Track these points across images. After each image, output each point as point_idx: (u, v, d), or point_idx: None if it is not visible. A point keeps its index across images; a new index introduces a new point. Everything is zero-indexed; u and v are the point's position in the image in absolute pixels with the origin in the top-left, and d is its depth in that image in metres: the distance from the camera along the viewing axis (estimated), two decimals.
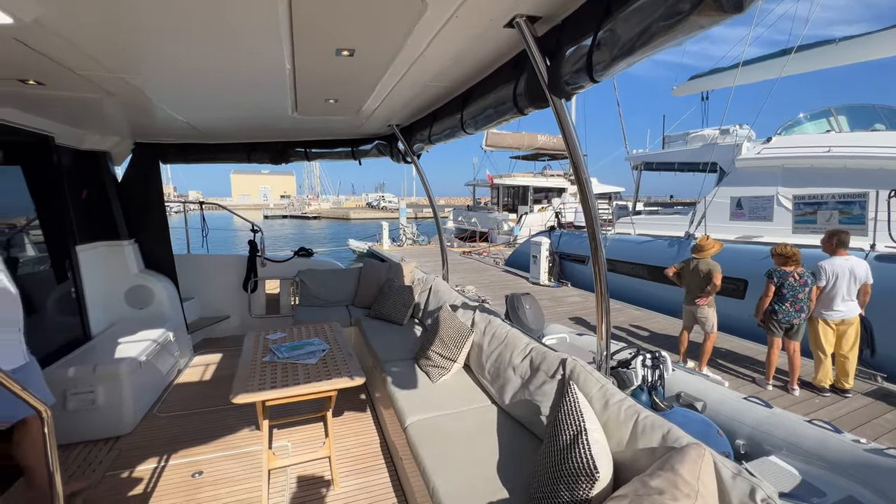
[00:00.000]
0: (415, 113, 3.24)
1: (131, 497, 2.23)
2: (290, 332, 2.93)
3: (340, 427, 2.92)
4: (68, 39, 1.49)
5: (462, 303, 3.25)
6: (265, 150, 4.04)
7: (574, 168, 1.78)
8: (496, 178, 21.07)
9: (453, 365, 2.69)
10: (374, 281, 4.36)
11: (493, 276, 10.28)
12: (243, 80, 2.13)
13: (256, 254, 4.72)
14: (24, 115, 2.54)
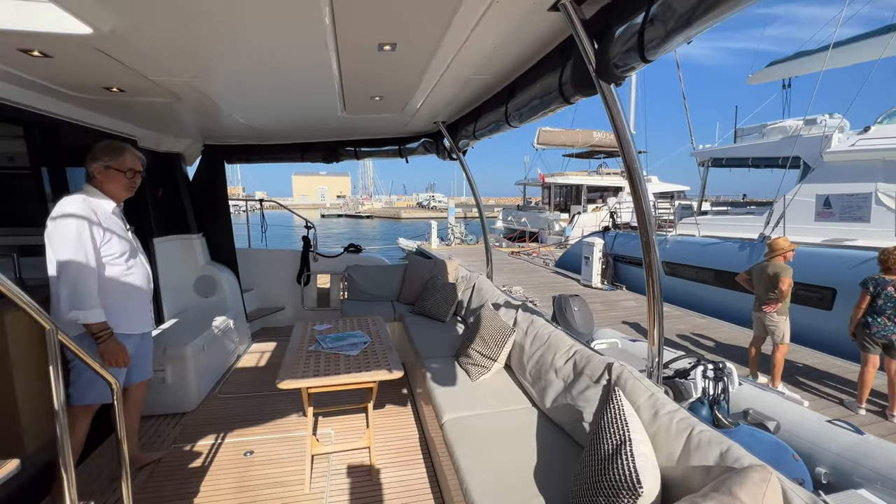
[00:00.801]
0: (459, 109, 3.22)
1: (193, 469, 2.42)
2: (335, 324, 3.03)
3: (381, 419, 2.97)
4: (140, 48, 1.64)
5: (505, 301, 3.18)
6: (318, 150, 4.24)
7: (624, 159, 1.65)
8: (548, 176, 20.52)
9: (493, 364, 2.63)
10: (418, 278, 4.40)
11: (542, 278, 10.00)
12: (295, 82, 2.23)
13: (309, 249, 4.96)
14: (112, 120, 2.86)
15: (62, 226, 1.85)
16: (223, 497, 2.21)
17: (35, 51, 1.61)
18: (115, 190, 2.07)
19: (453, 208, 20.23)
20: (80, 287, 1.83)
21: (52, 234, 1.85)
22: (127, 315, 2.08)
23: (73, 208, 1.88)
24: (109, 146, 2.08)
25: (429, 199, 64.77)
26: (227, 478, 2.35)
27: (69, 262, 1.81)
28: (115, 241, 2.01)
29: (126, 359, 2.01)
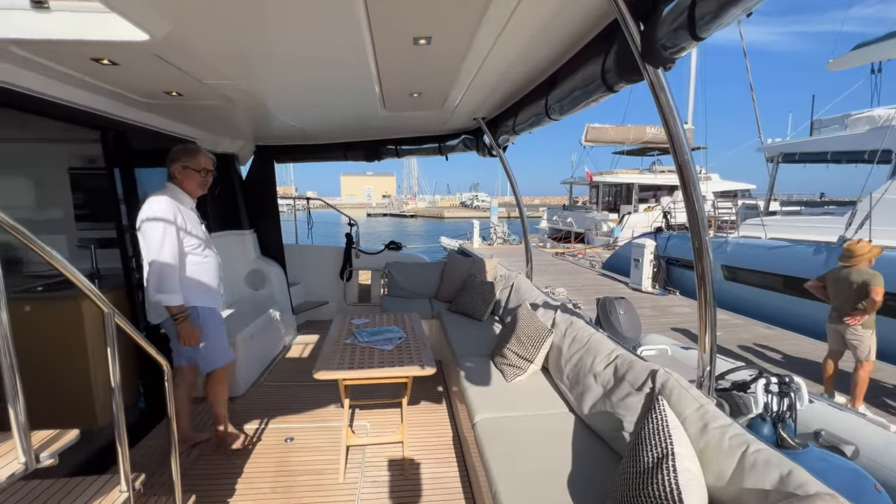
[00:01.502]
0: (499, 104, 3.16)
1: (237, 452, 2.56)
2: (372, 319, 3.09)
3: (416, 416, 2.98)
4: (193, 53, 1.75)
5: (543, 302, 3.07)
6: (360, 148, 4.34)
7: (674, 153, 1.52)
8: (596, 175, 19.73)
9: (529, 366, 2.55)
10: (456, 275, 4.38)
11: (588, 280, 9.63)
12: (335, 80, 2.29)
13: (352, 246, 5.10)
14: (175, 123, 3.10)
15: (152, 222, 2.13)
16: (264, 479, 2.31)
17: (105, 59, 1.77)
18: (192, 188, 2.34)
19: (496, 207, 19.99)
20: (164, 275, 2.12)
21: (145, 229, 2.13)
22: (205, 293, 2.38)
23: (160, 206, 2.16)
24: (186, 149, 2.35)
25: (472, 199, 64.65)
26: (268, 461, 2.47)
27: (157, 253, 2.11)
28: (194, 234, 2.29)
29: (197, 339, 2.27)
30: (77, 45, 1.58)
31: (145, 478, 1.48)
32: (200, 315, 2.33)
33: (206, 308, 2.37)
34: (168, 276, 2.13)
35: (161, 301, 2.14)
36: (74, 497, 1.33)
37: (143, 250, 2.17)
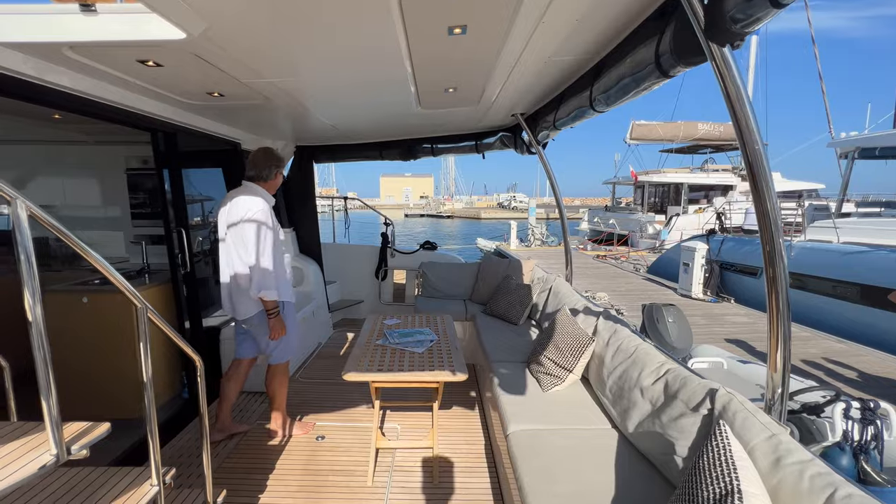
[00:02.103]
0: (538, 98, 3.01)
1: (271, 446, 2.59)
2: (404, 320, 3.04)
3: (447, 421, 2.90)
4: (229, 51, 1.76)
5: (584, 307, 2.89)
6: (395, 147, 4.33)
7: (742, 146, 1.32)
8: (641, 174, 18.79)
9: (568, 375, 2.39)
10: (492, 277, 4.25)
11: (632, 284, 9.14)
12: (369, 74, 2.24)
13: (387, 245, 5.11)
14: (219, 125, 3.20)
15: (253, 223, 2.25)
16: (294, 477, 2.32)
17: (150, 61, 1.82)
18: (274, 189, 2.50)
19: (534, 208, 19.55)
20: (266, 273, 2.26)
21: (246, 230, 2.23)
22: (287, 289, 2.51)
23: (260, 207, 2.28)
24: (276, 153, 2.50)
25: (509, 200, 63.80)
26: (298, 458, 2.47)
27: (260, 252, 2.24)
28: (279, 233, 2.41)
29: (284, 332, 2.42)
30: (122, 46, 1.63)
31: (175, 472, 1.48)
32: (284, 309, 2.47)
33: (289, 303, 2.53)
34: (269, 273, 2.27)
35: (264, 297, 2.26)
36: (108, 488, 1.35)
37: (244, 249, 2.25)
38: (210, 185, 3.77)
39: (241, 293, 2.33)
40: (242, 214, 2.25)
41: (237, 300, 2.37)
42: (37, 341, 0.98)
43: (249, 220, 2.24)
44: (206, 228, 3.76)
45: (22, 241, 0.97)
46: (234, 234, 2.28)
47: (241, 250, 2.26)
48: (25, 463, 0.99)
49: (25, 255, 0.97)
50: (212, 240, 3.70)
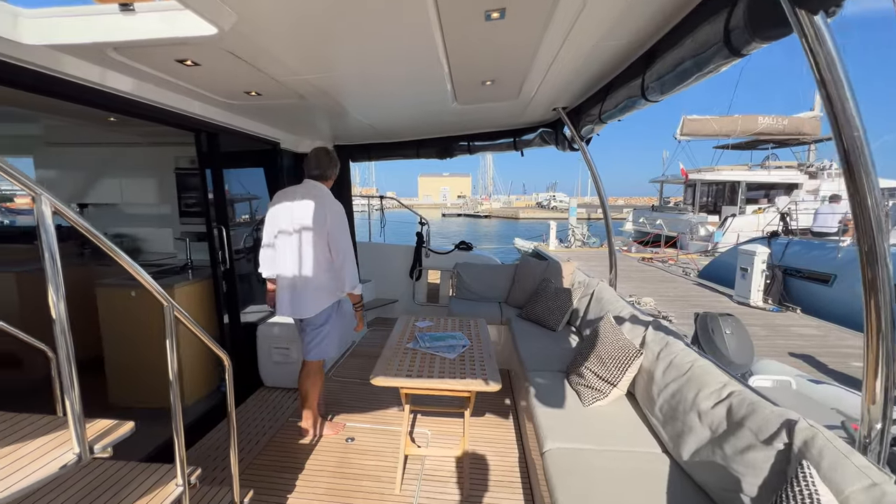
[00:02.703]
0: (583, 89, 2.81)
1: (301, 445, 2.59)
2: (436, 322, 2.95)
3: (479, 430, 2.78)
4: (261, 46, 1.73)
5: (630, 315, 2.66)
6: (431, 146, 4.25)
7: (836, 130, 1.09)
8: (692, 172, 17.64)
9: (611, 390, 2.19)
10: (529, 279, 4.07)
11: (681, 290, 8.56)
12: (404, 67, 2.16)
13: (422, 245, 5.05)
14: (259, 125, 3.26)
15: (344, 224, 2.37)
16: (322, 478, 2.29)
17: (188, 60, 1.84)
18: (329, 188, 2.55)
19: (574, 208, 18.86)
20: (355, 269, 2.40)
21: (335, 228, 2.31)
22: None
23: (341, 207, 2.39)
24: (334, 153, 2.58)
25: (549, 199, 62.27)
26: (328, 460, 2.44)
27: (347, 250, 2.34)
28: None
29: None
30: (160, 45, 1.64)
31: (203, 471, 1.47)
32: (342, 305, 2.59)
33: (346, 300, 2.61)
34: (356, 270, 2.42)
35: (356, 292, 2.44)
36: (137, 485, 1.36)
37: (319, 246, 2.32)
38: (253, 185, 3.87)
39: (313, 290, 2.34)
40: (332, 215, 2.30)
41: (306, 298, 2.35)
42: (60, 339, 0.97)
43: (341, 221, 2.33)
44: (250, 226, 3.85)
45: (46, 238, 0.96)
46: (316, 232, 2.29)
47: (333, 250, 2.31)
48: (48, 462, 0.99)
49: (50, 253, 0.95)
50: (254, 238, 3.79)
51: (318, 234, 2.30)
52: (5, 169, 0.88)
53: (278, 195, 2.46)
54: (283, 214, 2.37)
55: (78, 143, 3.72)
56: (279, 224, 2.38)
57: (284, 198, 2.40)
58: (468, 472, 2.31)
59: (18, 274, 3.18)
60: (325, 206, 2.30)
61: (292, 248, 2.33)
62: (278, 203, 2.41)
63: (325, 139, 4.24)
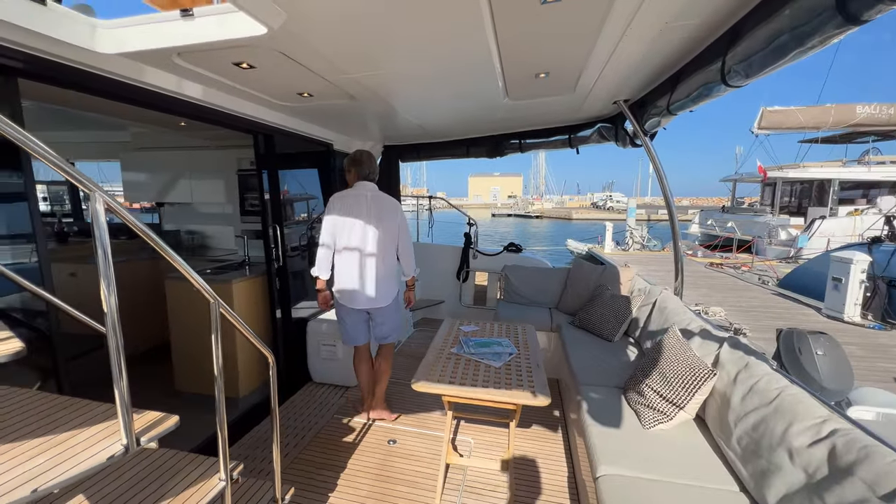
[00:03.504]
0: (649, 79, 2.56)
1: (344, 443, 2.60)
2: (482, 327, 2.84)
3: (526, 442, 2.63)
4: (311, 46, 1.73)
5: (701, 329, 2.37)
6: (481, 145, 4.14)
7: None
8: (772, 170, 15.91)
9: (677, 412, 1.95)
10: (583, 284, 3.83)
11: (757, 300, 7.71)
12: (454, 65, 2.08)
13: (470, 246, 4.95)
14: (312, 126, 3.34)
15: (404, 216, 2.71)
16: (363, 480, 2.27)
17: (244, 63, 1.89)
18: None
19: (633, 208, 17.74)
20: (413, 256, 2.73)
21: (403, 222, 2.67)
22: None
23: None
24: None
25: (605, 199, 59.41)
26: (370, 462, 2.43)
27: (409, 240, 2.70)
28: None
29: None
30: (217, 48, 1.69)
31: (245, 466, 1.48)
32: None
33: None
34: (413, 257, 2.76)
35: (415, 275, 2.77)
36: (185, 475, 1.39)
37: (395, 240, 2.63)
38: (308, 185, 4.00)
39: (390, 280, 2.62)
40: (395, 209, 2.60)
41: (385, 288, 2.61)
42: (110, 331, 0.99)
43: (402, 214, 2.66)
44: (305, 225, 3.97)
45: (99, 234, 0.98)
46: (390, 228, 2.57)
47: (401, 241, 2.64)
48: (97, 451, 1.01)
49: (102, 249, 0.97)
50: (308, 237, 3.90)
51: (392, 231, 2.57)
52: (62, 167, 0.91)
53: (341, 200, 2.55)
54: (355, 216, 2.51)
55: (156, 147, 4.06)
56: (350, 226, 2.50)
57: (352, 201, 2.53)
58: (513, 489, 2.18)
59: None
60: (395, 205, 2.62)
61: (371, 246, 2.53)
62: (345, 206, 2.52)
63: (375, 140, 4.28)
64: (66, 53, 1.59)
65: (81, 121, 3.62)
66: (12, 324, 1.73)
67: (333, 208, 2.52)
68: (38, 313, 1.73)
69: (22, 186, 1.61)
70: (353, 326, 2.66)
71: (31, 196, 1.64)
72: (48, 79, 1.65)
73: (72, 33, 1.54)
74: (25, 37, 1.45)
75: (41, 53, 1.54)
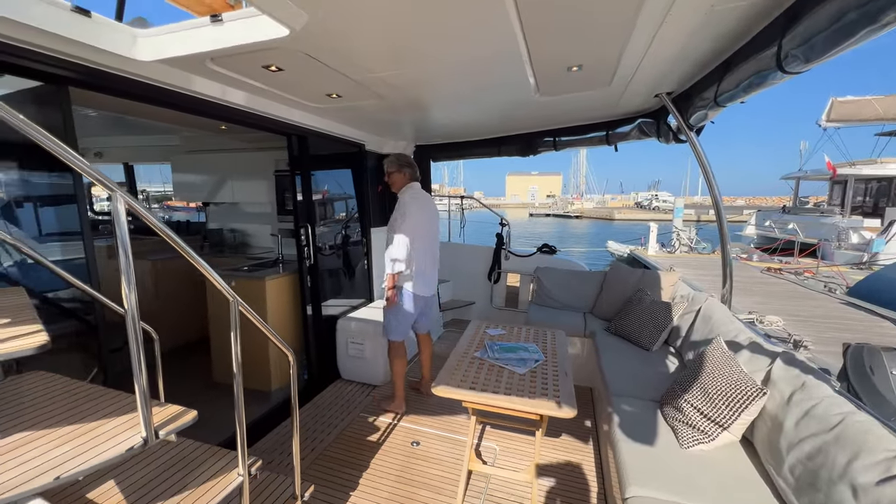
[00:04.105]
0: (694, 68, 2.36)
1: (368, 442, 2.61)
2: (509, 331, 2.75)
3: (553, 453, 2.52)
4: (334, 46, 1.73)
5: (750, 342, 2.16)
6: (513, 143, 4.03)
7: None
8: (842, 166, 14.46)
9: (719, 433, 1.78)
10: (619, 289, 3.63)
11: (821, 309, 7.01)
12: (479, 61, 2.02)
13: (502, 246, 4.85)
14: (344, 127, 3.39)
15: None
16: (385, 481, 2.26)
17: (272, 65, 1.93)
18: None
19: (681, 209, 16.72)
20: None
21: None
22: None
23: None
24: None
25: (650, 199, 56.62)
26: (392, 462, 2.42)
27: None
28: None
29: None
30: (245, 52, 1.73)
31: (264, 462, 1.51)
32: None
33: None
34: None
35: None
36: (207, 467, 1.43)
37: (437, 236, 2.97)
38: (340, 185, 4.08)
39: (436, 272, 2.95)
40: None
41: (436, 278, 2.98)
42: (130, 328, 1.03)
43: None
44: (339, 224, 4.04)
45: (120, 234, 1.01)
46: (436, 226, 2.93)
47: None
48: (119, 442, 1.05)
49: (124, 248, 1.01)
50: (343, 236, 3.97)
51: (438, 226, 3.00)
52: (86, 169, 0.95)
53: (416, 200, 2.79)
54: (429, 214, 2.86)
55: (201, 150, 4.29)
56: (425, 223, 2.81)
57: (423, 201, 2.83)
58: (537, 502, 2.08)
59: (154, 263, 3.77)
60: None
61: (437, 239, 2.95)
62: (422, 206, 2.79)
63: (408, 140, 4.29)
64: (110, 62, 1.69)
65: (138, 127, 3.90)
66: (64, 315, 1.88)
67: (414, 208, 2.74)
68: (88, 306, 1.86)
69: (72, 188, 1.73)
70: (411, 317, 2.86)
71: (80, 198, 1.75)
72: (95, 87, 1.76)
73: (114, 43, 1.63)
74: (73, 48, 1.55)
75: (88, 63, 1.64)
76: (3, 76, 1.56)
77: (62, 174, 1.73)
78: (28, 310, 1.18)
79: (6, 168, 1.67)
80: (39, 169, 1.72)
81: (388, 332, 2.85)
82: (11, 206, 1.72)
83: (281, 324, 3.23)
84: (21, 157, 1.69)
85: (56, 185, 1.75)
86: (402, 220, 2.67)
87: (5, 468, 0.95)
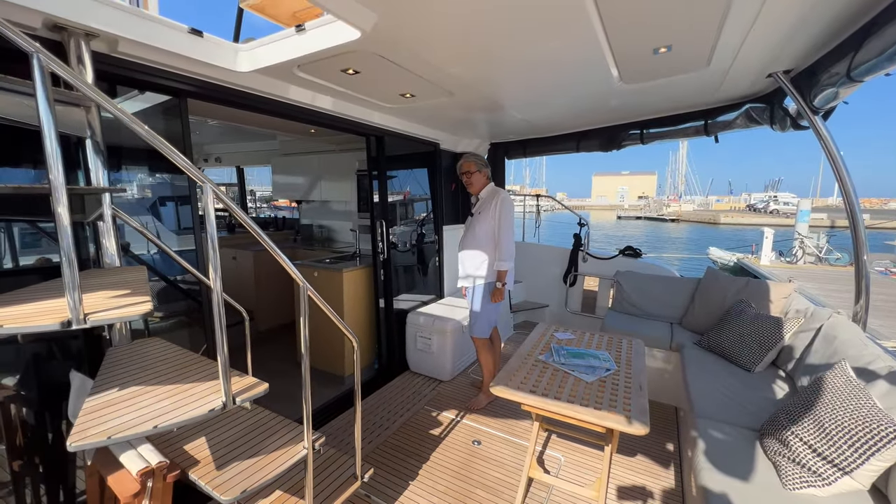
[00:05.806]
0: (819, 40, 1.98)
1: (430, 436, 2.65)
2: (579, 336, 2.58)
3: (626, 473, 2.30)
4: (404, 45, 1.79)
5: (890, 371, 1.74)
6: (594, 137, 3.77)
7: None
8: None
9: (839, 477, 1.46)
10: (715, 299, 3.20)
11: None
12: (553, 47, 1.92)
13: (579, 248, 4.59)
14: (419, 127, 3.49)
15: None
16: (444, 475, 2.27)
17: (350, 69, 2.05)
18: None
19: (807, 211, 14.21)
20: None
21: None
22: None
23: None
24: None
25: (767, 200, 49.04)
26: (453, 458, 2.42)
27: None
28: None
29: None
30: (325, 57, 1.87)
31: (337, 440, 1.60)
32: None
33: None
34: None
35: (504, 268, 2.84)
36: (280, 436, 1.57)
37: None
38: (416, 184, 4.21)
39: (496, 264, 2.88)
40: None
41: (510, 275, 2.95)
42: (217, 308, 1.16)
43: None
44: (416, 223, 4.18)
45: (209, 221, 1.15)
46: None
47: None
48: (203, 404, 1.20)
49: (211, 241, 1.14)
50: (419, 233, 4.08)
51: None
52: (184, 164, 1.10)
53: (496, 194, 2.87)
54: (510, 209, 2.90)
55: (295, 152, 4.77)
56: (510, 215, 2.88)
57: (498, 197, 2.85)
58: None
59: (255, 253, 4.28)
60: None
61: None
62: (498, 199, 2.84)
63: (482, 137, 4.27)
64: (218, 75, 1.95)
65: (246, 133, 4.47)
66: (183, 295, 2.21)
67: (512, 207, 2.87)
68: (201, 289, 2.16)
69: (187, 189, 2.03)
70: (498, 313, 2.96)
71: (193, 196, 2.04)
72: (207, 97, 2.04)
73: (220, 57, 1.88)
74: (190, 64, 1.82)
75: (201, 76, 1.91)
76: (144, 93, 1.88)
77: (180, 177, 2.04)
78: (144, 285, 1.41)
79: (147, 171, 2.03)
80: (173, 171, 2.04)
81: (477, 329, 2.90)
82: (157, 204, 2.08)
83: (355, 313, 3.44)
84: (166, 162, 2.02)
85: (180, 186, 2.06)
86: (509, 219, 2.81)
87: (124, 413, 1.14)
